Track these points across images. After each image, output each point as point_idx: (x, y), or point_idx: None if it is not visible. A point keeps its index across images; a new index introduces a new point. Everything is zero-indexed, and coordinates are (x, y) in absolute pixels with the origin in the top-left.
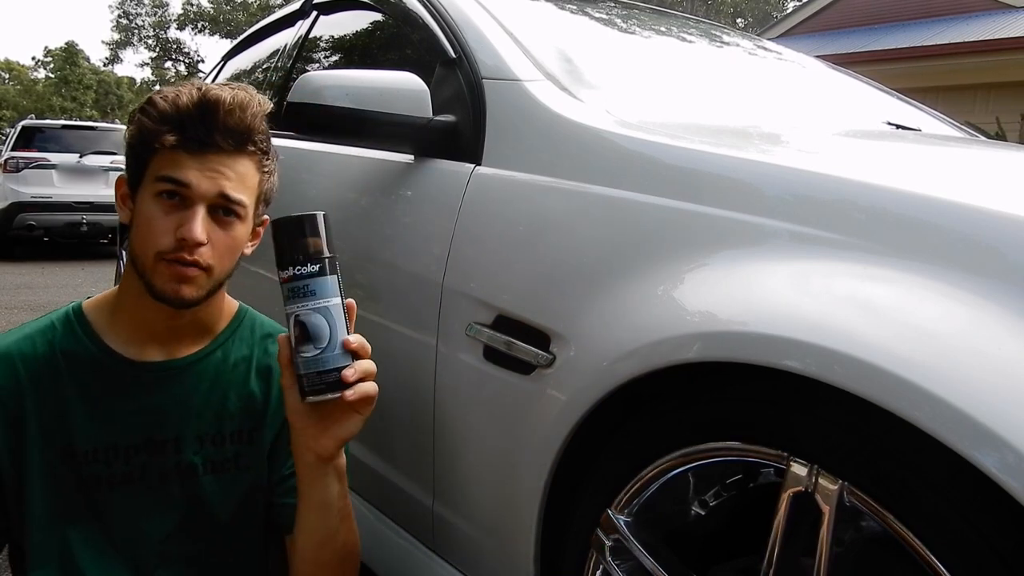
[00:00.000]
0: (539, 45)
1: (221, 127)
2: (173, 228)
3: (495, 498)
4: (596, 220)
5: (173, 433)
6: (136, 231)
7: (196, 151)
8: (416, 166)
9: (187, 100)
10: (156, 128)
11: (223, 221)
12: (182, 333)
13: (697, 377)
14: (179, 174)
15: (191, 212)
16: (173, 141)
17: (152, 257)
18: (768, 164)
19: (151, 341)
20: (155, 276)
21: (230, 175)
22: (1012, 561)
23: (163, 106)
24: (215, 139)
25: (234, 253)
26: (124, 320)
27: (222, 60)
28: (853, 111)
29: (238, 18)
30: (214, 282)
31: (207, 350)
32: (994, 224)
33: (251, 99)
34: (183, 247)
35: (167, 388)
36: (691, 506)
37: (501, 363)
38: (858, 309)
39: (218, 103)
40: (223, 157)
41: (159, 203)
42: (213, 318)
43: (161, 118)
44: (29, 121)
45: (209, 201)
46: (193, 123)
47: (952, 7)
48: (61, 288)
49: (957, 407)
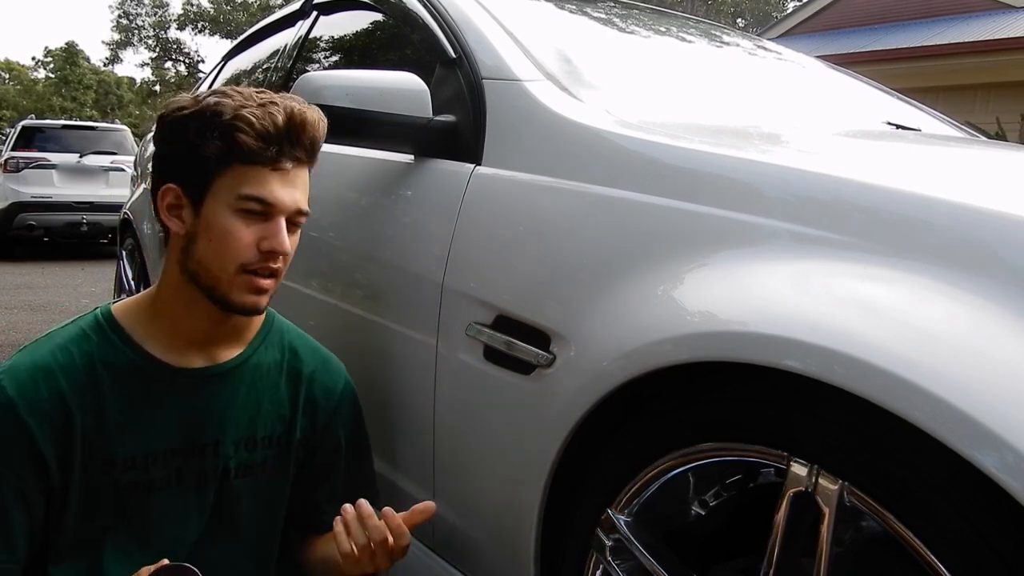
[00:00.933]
0: (539, 45)
1: (305, 144)
2: (255, 240)
3: (495, 498)
4: (596, 220)
5: (211, 438)
6: (208, 245)
7: (281, 167)
8: (416, 166)
9: (281, 119)
10: (259, 147)
11: (292, 230)
12: (220, 339)
13: (697, 377)
14: (266, 193)
15: (275, 225)
16: (268, 171)
17: (233, 270)
18: (768, 164)
19: (190, 347)
20: (233, 288)
21: (301, 187)
22: (1012, 561)
23: (260, 125)
24: (297, 154)
25: (291, 258)
26: (165, 326)
27: (222, 60)
28: (853, 111)
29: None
30: (277, 288)
31: (245, 355)
32: (994, 224)
33: (320, 116)
34: (270, 258)
35: (208, 393)
36: (691, 506)
37: (501, 363)
38: (858, 309)
39: (305, 122)
40: (297, 170)
41: (241, 218)
42: (248, 321)
43: (259, 136)
44: (29, 121)
45: (288, 215)
46: (288, 142)
47: (952, 7)
48: (61, 288)
49: (957, 407)
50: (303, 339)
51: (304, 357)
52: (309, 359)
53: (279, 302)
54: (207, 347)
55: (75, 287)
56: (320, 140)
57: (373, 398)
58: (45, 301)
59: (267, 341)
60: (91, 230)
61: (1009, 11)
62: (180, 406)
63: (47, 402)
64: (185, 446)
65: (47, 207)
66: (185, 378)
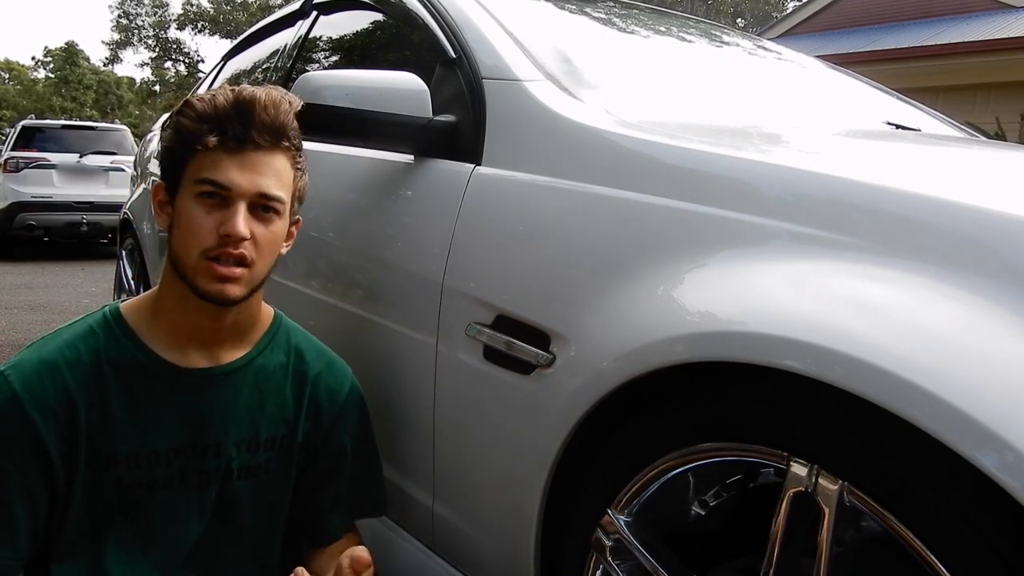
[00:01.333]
0: (539, 45)
1: (258, 124)
2: (215, 226)
3: (495, 498)
4: (596, 220)
5: (214, 438)
6: (177, 233)
7: (234, 150)
8: (416, 166)
9: (223, 100)
10: (196, 128)
11: (262, 217)
12: (223, 337)
13: (697, 377)
14: (219, 175)
15: (232, 209)
16: (214, 141)
17: (196, 257)
18: (768, 164)
19: (192, 345)
20: (199, 276)
21: (267, 172)
22: (1012, 561)
23: (201, 107)
24: (252, 136)
25: (274, 249)
26: (165, 324)
27: (222, 60)
28: (853, 111)
29: (238, 18)
30: (256, 279)
31: (249, 356)
32: (994, 224)
33: (282, 97)
34: (227, 243)
35: (211, 394)
36: (691, 506)
37: (501, 363)
38: (858, 309)
39: (254, 101)
40: (260, 154)
41: (200, 203)
42: (252, 322)
43: (200, 118)
44: (29, 121)
45: (249, 199)
46: (231, 122)
47: (952, 7)
48: (61, 288)
49: (957, 407)
50: (310, 341)
51: (310, 359)
52: (315, 361)
53: (280, 302)
54: (210, 347)
55: (75, 287)
56: (284, 123)
57: (373, 398)
58: (45, 301)
59: (273, 343)
60: (91, 230)
61: (1009, 11)
62: (183, 406)
63: (52, 398)
64: (188, 446)
65: (47, 207)
66: (188, 378)
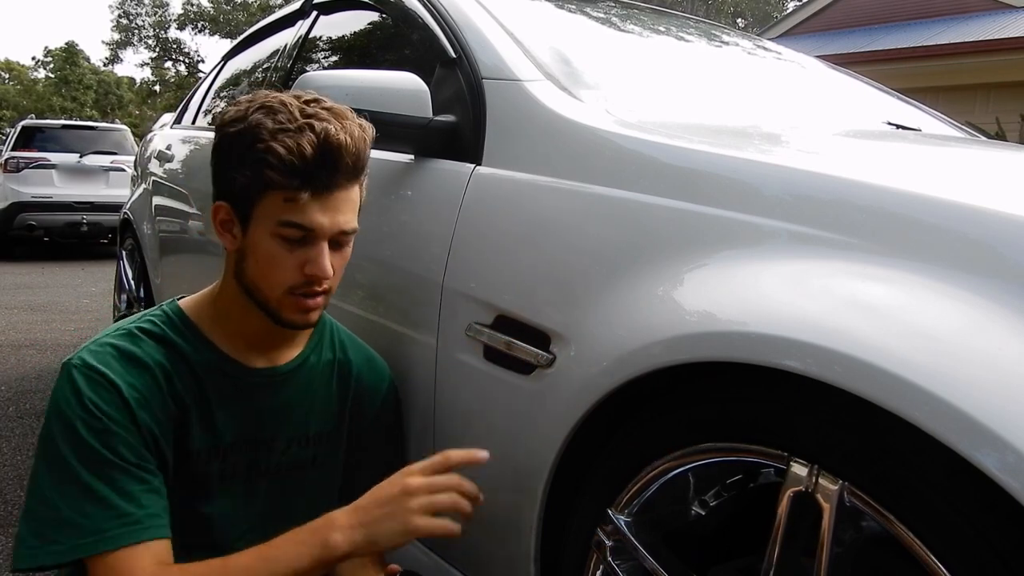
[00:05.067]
0: (539, 45)
1: (345, 171)
2: (300, 264)
3: (495, 498)
4: (596, 220)
5: (268, 434)
6: (256, 266)
7: (319, 194)
8: (416, 166)
9: (311, 150)
10: (284, 181)
11: (338, 248)
12: (279, 343)
13: (697, 377)
14: (306, 220)
15: (317, 250)
16: (306, 197)
17: (280, 292)
18: (767, 164)
19: (251, 349)
20: (283, 308)
21: (346, 209)
22: (1012, 561)
23: (289, 159)
24: (338, 182)
25: (344, 268)
26: (228, 329)
27: (222, 60)
28: (853, 111)
29: (238, 18)
30: (329, 300)
31: (303, 355)
32: (994, 224)
33: (365, 134)
34: (313, 282)
35: (272, 392)
36: (691, 506)
37: (501, 363)
38: (858, 309)
39: (341, 149)
40: (340, 193)
41: (281, 242)
42: None
43: (288, 170)
44: (29, 121)
45: (331, 238)
46: (319, 171)
47: (952, 7)
48: (61, 288)
49: (957, 407)
50: (351, 338)
51: (352, 357)
52: (357, 358)
53: None
54: (267, 350)
55: (75, 287)
56: (363, 155)
57: None
58: (45, 301)
59: (322, 341)
60: (91, 230)
61: (1009, 11)
62: (244, 403)
63: (139, 388)
64: (244, 441)
65: (47, 207)
66: (255, 377)
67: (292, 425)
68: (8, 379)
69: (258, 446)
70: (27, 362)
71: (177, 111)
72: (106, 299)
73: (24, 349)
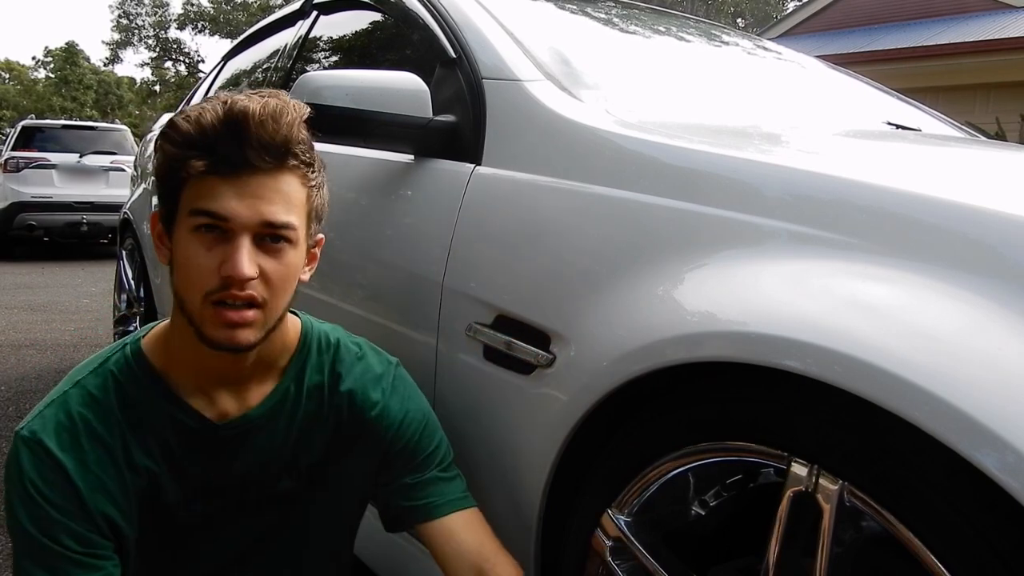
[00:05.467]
0: (539, 45)
1: (254, 143)
2: (216, 266)
3: (495, 498)
4: (596, 220)
5: (254, 475)
6: (177, 273)
7: (230, 175)
8: (416, 166)
9: (211, 118)
10: (181, 154)
11: (272, 249)
12: (247, 377)
13: (697, 377)
14: (215, 205)
15: (234, 245)
16: (202, 167)
17: (199, 301)
18: (767, 164)
19: (217, 387)
20: (205, 324)
21: (273, 197)
22: (1012, 561)
23: (186, 128)
24: (249, 158)
25: (289, 283)
26: (186, 367)
27: (222, 60)
28: (853, 111)
29: (238, 18)
30: (272, 319)
31: (280, 388)
32: (994, 224)
33: (284, 106)
34: (230, 284)
35: (247, 440)
36: (691, 506)
37: (501, 363)
38: (858, 309)
39: (246, 116)
40: (262, 177)
41: (198, 239)
42: (278, 350)
43: (185, 142)
44: (29, 121)
45: (253, 230)
46: (223, 142)
47: (952, 7)
48: (61, 288)
49: (957, 407)
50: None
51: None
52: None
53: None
54: (233, 387)
55: (75, 287)
56: (288, 137)
57: None
58: (45, 301)
59: (305, 367)
60: (91, 230)
61: (1009, 11)
62: (218, 454)
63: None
64: (225, 487)
65: (47, 207)
66: (223, 431)
67: (281, 461)
68: (8, 379)
69: (243, 488)
70: (27, 362)
71: (177, 111)
72: (106, 299)
73: (24, 349)
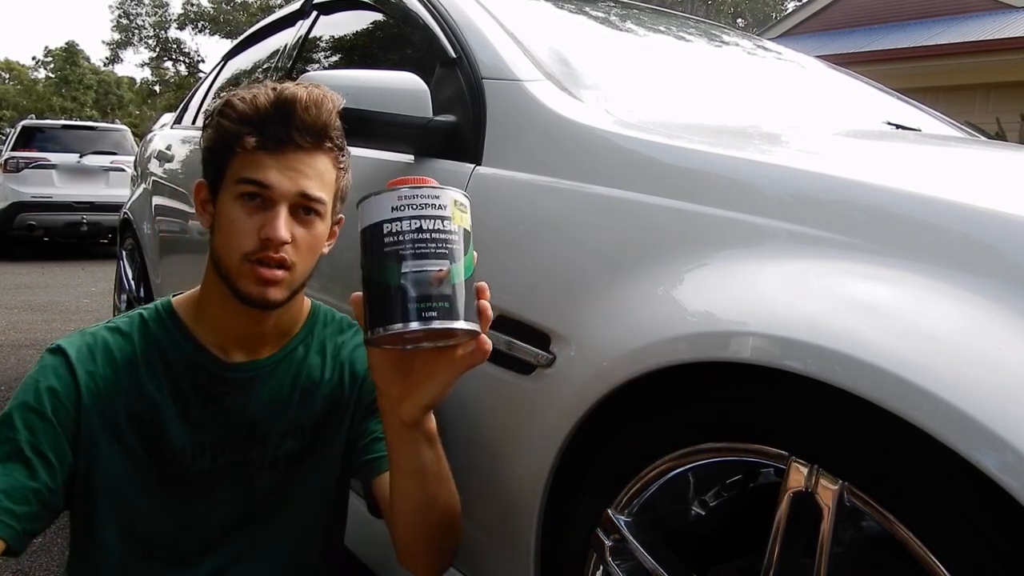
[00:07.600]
0: (539, 45)
1: (299, 124)
2: (256, 229)
3: (495, 498)
4: (596, 220)
5: (260, 430)
6: (219, 234)
7: (275, 150)
8: (416, 166)
9: (264, 100)
10: (236, 129)
11: (304, 220)
12: (264, 338)
13: (697, 377)
14: (260, 175)
15: (274, 212)
16: (254, 143)
17: (237, 260)
18: (767, 164)
19: (233, 343)
20: (240, 279)
21: (309, 173)
22: (1012, 561)
23: (242, 108)
24: (293, 137)
25: (315, 251)
26: (209, 322)
27: (222, 60)
28: (853, 111)
29: (238, 18)
30: (297, 282)
31: (289, 347)
32: (994, 224)
33: (325, 96)
34: (268, 247)
35: (254, 388)
36: (691, 506)
37: (501, 363)
38: (858, 309)
39: (295, 101)
40: (301, 155)
41: (241, 205)
42: (293, 320)
43: (240, 119)
44: (29, 121)
45: (290, 200)
46: (272, 122)
47: (952, 7)
48: (61, 288)
49: (957, 407)
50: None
51: (346, 339)
52: (351, 340)
53: None
54: (249, 344)
55: (75, 287)
56: (327, 122)
57: None
58: (45, 301)
59: (314, 332)
60: (91, 230)
61: (1009, 11)
62: (228, 400)
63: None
64: (232, 439)
65: (47, 207)
66: (232, 371)
67: (285, 418)
68: (8, 379)
69: (250, 443)
70: (27, 362)
71: (177, 111)
72: (106, 299)
73: (24, 349)
